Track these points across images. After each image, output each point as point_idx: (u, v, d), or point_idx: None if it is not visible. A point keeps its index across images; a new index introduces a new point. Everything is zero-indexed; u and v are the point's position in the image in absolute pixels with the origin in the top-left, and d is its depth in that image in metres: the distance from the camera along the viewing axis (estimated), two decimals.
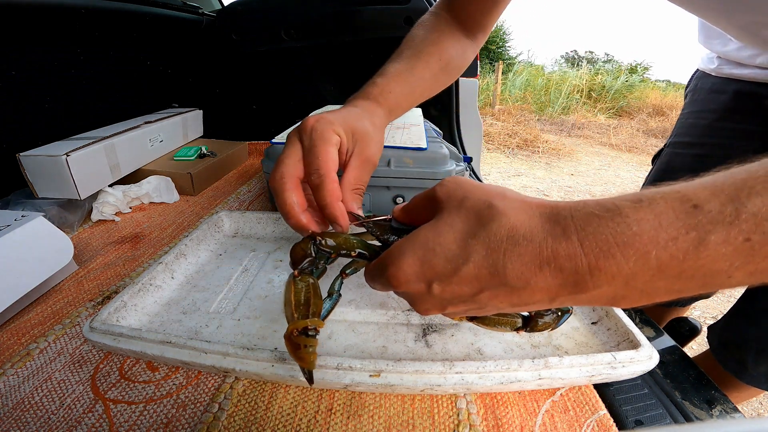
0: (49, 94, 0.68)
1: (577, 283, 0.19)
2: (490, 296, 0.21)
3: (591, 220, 0.18)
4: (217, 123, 0.97)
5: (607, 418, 0.29)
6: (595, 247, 0.18)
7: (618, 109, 6.15)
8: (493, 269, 0.20)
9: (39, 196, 0.58)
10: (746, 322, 0.54)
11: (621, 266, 0.17)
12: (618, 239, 0.18)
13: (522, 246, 0.19)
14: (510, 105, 5.86)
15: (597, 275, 0.18)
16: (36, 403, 0.30)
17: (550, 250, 0.19)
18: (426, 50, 0.43)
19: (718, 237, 0.16)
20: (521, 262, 0.19)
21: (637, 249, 0.17)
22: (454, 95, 1.00)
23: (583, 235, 0.18)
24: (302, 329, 0.25)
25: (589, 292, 0.19)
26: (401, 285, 0.23)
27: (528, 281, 0.19)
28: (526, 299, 0.20)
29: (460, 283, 0.21)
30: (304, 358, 0.25)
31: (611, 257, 0.18)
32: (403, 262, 0.22)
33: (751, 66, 0.50)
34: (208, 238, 0.50)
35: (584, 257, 0.18)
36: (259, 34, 1.01)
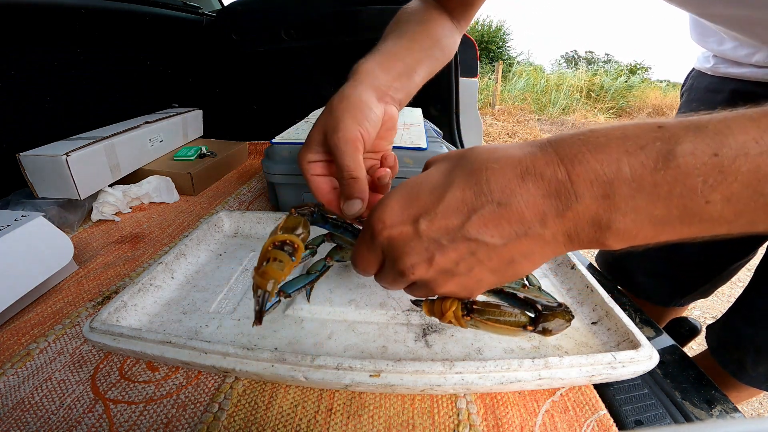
0: (49, 94, 0.68)
1: (559, 192, 0.19)
2: (479, 224, 0.20)
3: (564, 137, 0.20)
4: (217, 123, 0.97)
5: (607, 418, 0.29)
6: (569, 153, 0.19)
7: (618, 109, 6.15)
8: (478, 187, 0.20)
9: (39, 196, 0.58)
10: (744, 322, 0.54)
11: (596, 171, 0.18)
12: (589, 146, 0.18)
13: (502, 161, 0.20)
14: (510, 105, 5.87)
15: (576, 182, 0.18)
16: (36, 403, 0.30)
17: (529, 161, 0.20)
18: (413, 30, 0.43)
19: (685, 148, 0.17)
20: (503, 175, 0.20)
21: (607, 154, 0.18)
22: (454, 95, 1.00)
23: (557, 146, 0.19)
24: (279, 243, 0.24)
25: (573, 207, 0.19)
26: (385, 228, 0.22)
27: (513, 192, 0.19)
28: (517, 222, 0.20)
29: (447, 211, 0.21)
30: (267, 272, 0.23)
31: (585, 162, 0.18)
32: (389, 202, 0.22)
33: (747, 65, 0.50)
34: (208, 238, 0.50)
35: (561, 164, 0.19)
36: (259, 34, 1.01)
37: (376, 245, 0.24)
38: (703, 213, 0.17)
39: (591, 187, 0.18)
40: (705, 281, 0.65)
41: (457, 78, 0.98)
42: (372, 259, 0.25)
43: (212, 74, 1.09)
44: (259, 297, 0.25)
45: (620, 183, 0.18)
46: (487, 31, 9.57)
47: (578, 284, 0.41)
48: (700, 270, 0.64)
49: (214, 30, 1.01)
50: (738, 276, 0.65)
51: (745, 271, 0.62)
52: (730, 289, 1.63)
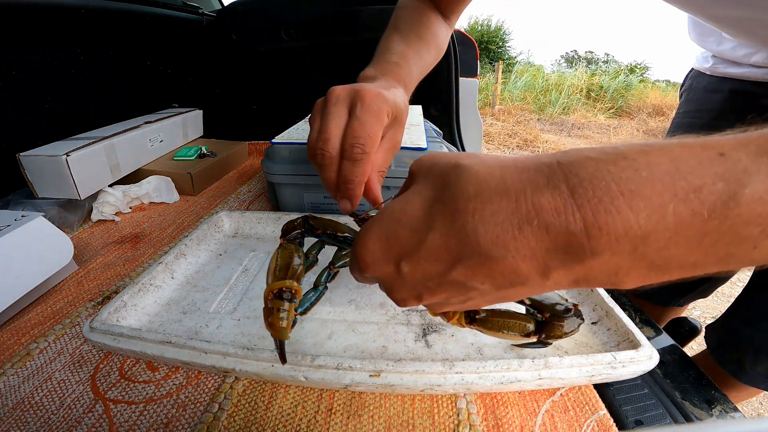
0: (49, 94, 0.68)
1: (569, 247, 0.14)
2: (466, 273, 0.17)
3: (585, 164, 0.14)
4: (217, 123, 0.97)
5: (607, 418, 0.29)
6: (592, 197, 0.14)
7: (618, 109, 6.16)
8: (462, 235, 0.16)
9: (39, 196, 0.58)
10: (743, 322, 0.54)
11: (628, 223, 0.13)
12: (623, 187, 0.13)
13: (494, 203, 0.15)
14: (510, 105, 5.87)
15: (596, 236, 0.14)
16: (36, 403, 0.30)
17: (530, 203, 0.15)
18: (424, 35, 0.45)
19: (753, 191, 0.12)
20: (494, 223, 0.15)
21: (649, 200, 0.13)
22: (454, 95, 1.00)
23: (576, 182, 0.14)
24: (277, 291, 0.24)
25: (585, 262, 0.15)
26: (369, 267, 0.20)
27: (506, 247, 0.15)
28: (512, 275, 0.16)
29: (429, 257, 0.17)
30: (274, 324, 0.23)
31: (615, 211, 0.13)
32: (369, 239, 0.19)
33: (746, 65, 0.50)
34: (208, 238, 0.50)
35: (577, 211, 0.14)
36: (259, 34, 1.01)
37: (365, 279, 0.22)
38: (744, 257, 0.14)
39: (616, 243, 0.14)
40: (704, 281, 0.65)
41: (457, 78, 0.98)
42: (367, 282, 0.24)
43: (212, 74, 1.09)
44: (276, 342, 0.26)
45: (658, 234, 0.13)
46: (487, 31, 9.57)
47: None
48: None
49: (214, 30, 1.01)
50: (737, 276, 0.65)
51: (744, 271, 0.62)
52: (729, 289, 1.63)
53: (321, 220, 0.30)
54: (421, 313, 0.38)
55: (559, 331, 0.25)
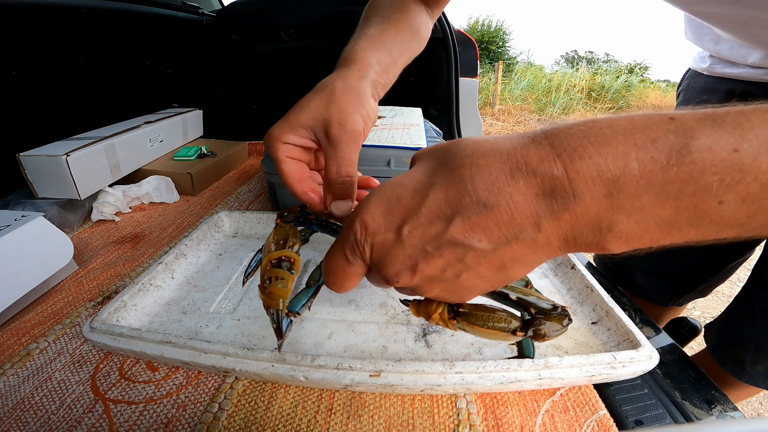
0: (49, 94, 0.68)
1: (555, 191, 0.17)
2: (464, 228, 0.18)
3: (562, 127, 0.17)
4: (217, 123, 0.97)
5: (607, 418, 0.29)
6: (567, 146, 0.16)
7: (618, 109, 6.16)
8: (461, 186, 0.18)
9: (39, 196, 0.58)
10: (743, 321, 0.54)
11: (599, 166, 0.16)
12: (592, 139, 0.16)
13: (489, 157, 0.18)
14: (510, 105, 5.87)
15: (575, 179, 0.16)
16: (36, 403, 0.30)
17: (519, 155, 0.17)
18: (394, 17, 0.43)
19: (702, 142, 0.15)
20: (489, 172, 0.17)
21: (613, 148, 0.16)
22: (454, 95, 1.00)
23: (554, 139, 0.17)
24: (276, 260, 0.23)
25: (571, 207, 0.17)
26: (368, 234, 0.20)
27: (501, 192, 0.17)
28: (507, 226, 0.18)
29: (429, 215, 0.19)
30: (273, 293, 0.23)
31: (587, 157, 0.16)
32: (370, 205, 0.20)
33: (743, 65, 0.50)
34: (208, 238, 0.50)
35: (557, 158, 0.16)
36: (259, 34, 1.01)
37: (356, 255, 0.22)
38: (714, 214, 0.16)
39: (592, 185, 0.16)
40: (703, 280, 0.65)
41: (457, 78, 0.98)
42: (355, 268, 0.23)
43: (212, 74, 1.09)
44: (273, 315, 0.25)
45: (626, 180, 0.16)
46: (487, 31, 9.58)
47: (578, 284, 0.41)
48: (698, 269, 0.64)
49: (214, 30, 1.01)
50: (737, 275, 0.65)
51: (744, 270, 0.62)
52: (729, 289, 1.63)
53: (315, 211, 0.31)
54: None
55: (546, 329, 0.24)
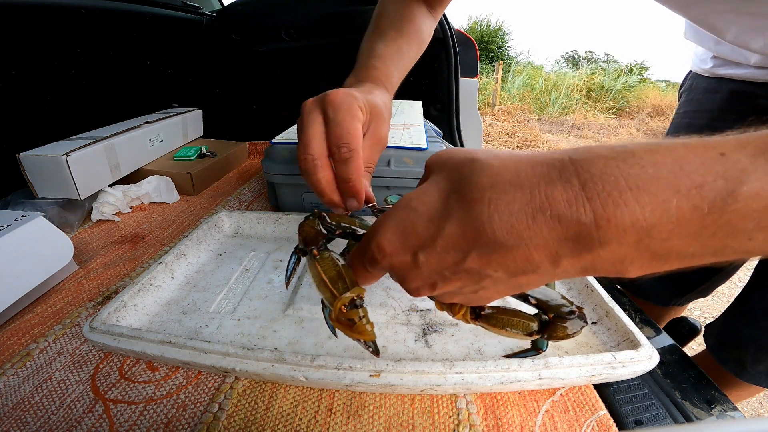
0: (49, 94, 0.68)
1: (579, 237, 0.16)
2: (481, 262, 0.18)
3: (596, 161, 0.15)
4: (217, 123, 0.97)
5: (607, 418, 0.29)
6: (601, 190, 0.15)
7: (618, 109, 6.16)
8: (478, 224, 0.17)
9: (39, 196, 0.58)
10: (743, 321, 0.54)
11: (635, 216, 0.14)
12: (631, 182, 0.15)
13: (509, 194, 0.17)
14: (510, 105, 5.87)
15: (604, 228, 0.15)
16: (36, 403, 0.30)
17: (543, 195, 0.16)
18: (406, 29, 0.45)
19: (750, 188, 0.14)
20: (509, 213, 0.16)
21: (654, 195, 0.14)
22: (454, 95, 1.00)
23: (587, 177, 0.15)
24: (350, 302, 0.24)
25: (594, 251, 0.16)
26: (385, 257, 0.21)
27: (520, 235, 0.16)
28: (525, 263, 0.17)
29: (446, 246, 0.18)
30: (364, 331, 0.24)
31: (623, 204, 0.15)
32: (387, 229, 0.20)
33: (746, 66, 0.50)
34: (208, 238, 0.50)
35: (588, 203, 0.15)
36: (259, 34, 1.01)
37: (375, 269, 0.22)
38: (739, 249, 0.15)
39: (623, 234, 0.15)
40: (704, 280, 0.65)
41: (457, 78, 0.98)
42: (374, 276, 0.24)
43: (212, 74, 1.09)
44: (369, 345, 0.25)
45: (661, 228, 0.15)
46: (487, 31, 9.58)
47: (578, 284, 0.41)
48: (699, 269, 0.64)
49: (214, 30, 1.01)
50: (737, 275, 0.65)
51: (744, 271, 0.62)
52: (729, 289, 1.63)
53: (334, 218, 0.30)
54: (421, 313, 0.38)
55: (562, 332, 0.25)
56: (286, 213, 0.54)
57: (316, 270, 0.26)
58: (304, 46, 1.00)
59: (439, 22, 0.90)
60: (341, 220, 0.30)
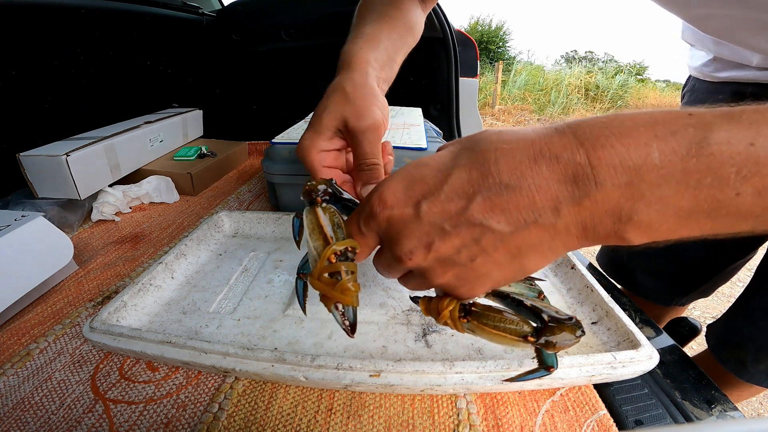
0: (49, 94, 0.68)
1: (577, 177, 0.17)
2: (485, 207, 0.18)
3: (584, 121, 0.18)
4: (217, 123, 0.97)
5: (607, 418, 0.29)
6: (590, 136, 0.17)
7: (617, 109, 6.16)
8: (484, 168, 0.19)
9: (39, 196, 0.58)
10: (744, 321, 0.54)
11: (621, 155, 0.16)
12: (614, 130, 0.17)
13: (513, 143, 0.19)
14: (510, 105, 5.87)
15: (597, 167, 0.17)
16: (36, 403, 0.30)
17: (543, 142, 0.18)
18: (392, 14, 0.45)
19: (720, 135, 0.15)
20: (513, 155, 0.18)
21: (635, 138, 0.16)
22: (454, 95, 1.00)
23: (577, 130, 0.18)
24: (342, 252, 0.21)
25: (592, 194, 0.17)
26: (385, 208, 0.21)
27: (523, 175, 0.18)
28: (527, 209, 0.18)
29: (451, 192, 0.19)
30: (347, 290, 0.21)
31: (609, 146, 0.17)
32: (392, 181, 0.21)
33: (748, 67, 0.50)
34: (208, 238, 0.50)
35: (580, 146, 0.17)
36: (259, 34, 1.01)
37: (371, 227, 0.22)
38: (731, 206, 0.16)
39: (614, 172, 0.17)
40: (705, 280, 0.65)
41: (457, 78, 0.98)
42: (368, 239, 0.23)
43: (212, 74, 1.09)
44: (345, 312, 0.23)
45: (647, 169, 0.16)
46: (488, 31, 9.57)
47: (578, 284, 0.41)
48: (700, 269, 0.64)
49: (214, 30, 1.01)
50: (738, 276, 0.65)
51: (745, 271, 0.62)
52: (730, 289, 1.63)
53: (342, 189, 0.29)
54: (421, 313, 0.38)
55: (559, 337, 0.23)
56: (286, 213, 0.54)
57: (314, 216, 0.24)
58: (304, 46, 1.00)
59: (439, 21, 0.90)
60: None
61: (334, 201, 0.28)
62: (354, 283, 0.22)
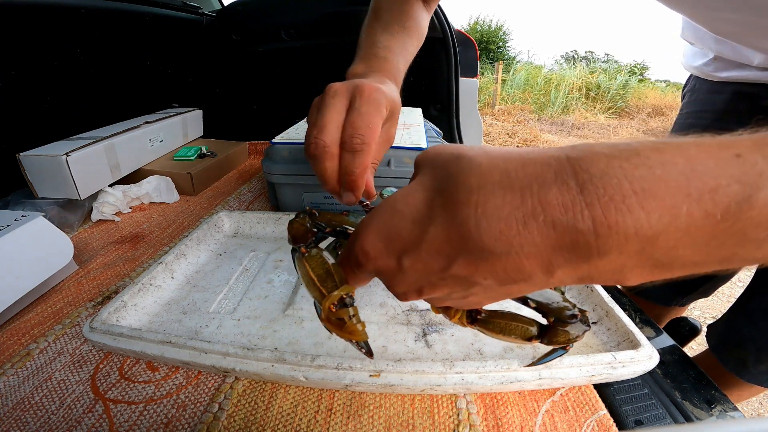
0: (49, 94, 0.68)
1: (576, 246, 0.14)
2: (469, 269, 0.16)
3: (596, 160, 0.14)
4: (217, 123, 0.97)
5: (607, 418, 0.29)
6: (603, 194, 0.13)
7: (617, 109, 6.16)
8: (464, 229, 0.15)
9: (39, 196, 0.58)
10: (745, 321, 0.54)
11: (640, 224, 0.13)
12: (636, 185, 0.13)
13: (498, 197, 0.15)
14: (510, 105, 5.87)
15: (604, 236, 0.13)
16: (36, 403, 0.30)
17: (537, 198, 0.14)
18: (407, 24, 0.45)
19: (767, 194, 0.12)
20: (498, 218, 0.15)
21: (662, 200, 0.13)
22: (454, 95, 1.00)
23: (586, 178, 0.13)
24: (339, 301, 0.23)
25: (591, 261, 0.14)
26: (369, 260, 0.19)
27: (510, 243, 0.15)
28: (515, 272, 0.16)
29: (430, 251, 0.17)
30: (354, 330, 0.23)
31: (626, 210, 0.13)
32: (370, 231, 0.19)
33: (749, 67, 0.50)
34: (208, 238, 0.50)
35: (586, 208, 0.13)
36: (259, 34, 1.01)
37: (363, 272, 0.21)
38: (747, 257, 0.14)
39: (624, 242, 0.13)
40: (706, 280, 0.65)
41: (457, 78, 0.98)
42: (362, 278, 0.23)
43: (212, 74, 1.09)
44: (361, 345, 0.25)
45: (667, 237, 0.13)
46: (488, 31, 9.58)
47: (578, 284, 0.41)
48: None
49: (214, 30, 1.01)
50: (738, 276, 0.65)
51: (745, 271, 0.62)
52: (730, 289, 1.63)
53: (325, 216, 0.30)
54: (421, 313, 0.38)
55: (563, 337, 0.24)
56: (286, 213, 0.54)
57: (304, 268, 0.25)
58: (304, 46, 1.00)
59: (439, 21, 0.90)
60: (332, 218, 0.30)
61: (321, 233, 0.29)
62: (359, 323, 0.23)
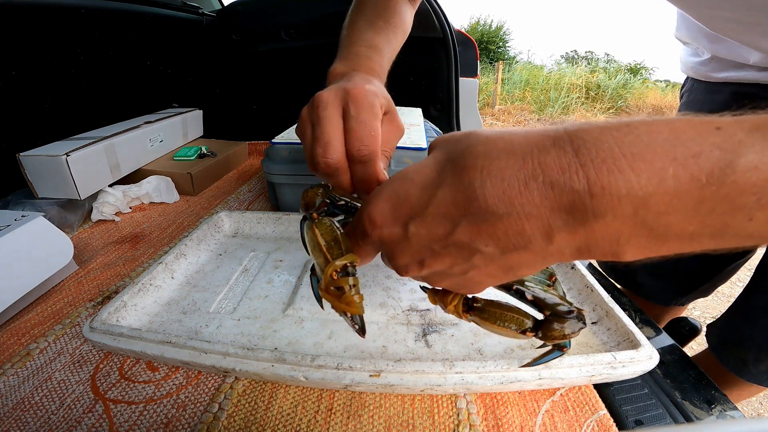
0: (49, 94, 0.68)
1: (573, 206, 0.15)
2: (472, 232, 0.17)
3: (590, 130, 0.15)
4: (217, 123, 0.97)
5: (607, 418, 0.29)
6: (595, 157, 0.14)
7: (617, 109, 6.16)
8: (470, 190, 0.17)
9: (39, 196, 0.58)
10: (745, 321, 0.54)
11: (630, 183, 0.14)
12: (625, 149, 0.14)
13: (501, 160, 0.16)
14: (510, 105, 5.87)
15: (599, 196, 0.14)
16: (36, 403, 0.30)
17: (536, 161, 0.15)
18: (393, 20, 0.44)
19: (748, 160, 0.13)
20: (501, 179, 0.16)
21: (650, 162, 0.14)
22: (454, 95, 1.00)
23: (580, 144, 0.15)
24: (342, 268, 0.23)
25: (588, 223, 0.15)
26: (375, 228, 0.20)
27: (512, 202, 0.16)
28: (516, 235, 0.16)
29: (436, 215, 0.18)
30: (351, 301, 0.23)
31: (617, 171, 0.14)
32: (379, 199, 0.20)
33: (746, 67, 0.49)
34: (208, 238, 0.50)
35: (581, 169, 0.15)
36: (259, 34, 1.01)
37: (368, 242, 0.22)
38: (740, 229, 0.14)
39: (618, 203, 0.14)
40: (705, 280, 0.65)
41: (457, 78, 0.98)
42: (367, 251, 0.24)
43: (212, 74, 1.09)
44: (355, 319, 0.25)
45: (657, 199, 0.14)
46: (488, 31, 9.58)
47: (578, 284, 0.41)
48: (700, 269, 0.64)
49: (214, 30, 1.01)
50: (738, 276, 0.65)
51: (745, 271, 0.62)
52: (729, 289, 1.63)
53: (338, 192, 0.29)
54: (421, 313, 0.38)
55: (558, 332, 0.24)
56: (286, 213, 0.54)
57: (313, 233, 0.25)
58: (304, 46, 1.00)
59: (440, 22, 0.90)
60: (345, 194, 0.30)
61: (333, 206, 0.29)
62: (357, 295, 0.23)
